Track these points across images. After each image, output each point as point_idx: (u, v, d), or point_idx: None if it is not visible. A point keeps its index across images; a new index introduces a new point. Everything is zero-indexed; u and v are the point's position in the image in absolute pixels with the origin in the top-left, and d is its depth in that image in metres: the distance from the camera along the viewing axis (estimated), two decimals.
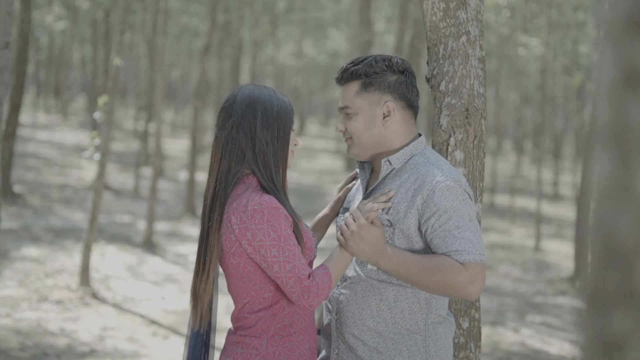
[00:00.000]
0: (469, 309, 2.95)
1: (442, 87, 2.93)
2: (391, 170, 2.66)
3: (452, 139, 2.90)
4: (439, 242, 2.49)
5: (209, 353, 2.72)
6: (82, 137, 24.01)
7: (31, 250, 9.09)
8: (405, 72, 2.66)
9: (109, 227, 11.07)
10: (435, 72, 2.96)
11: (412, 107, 2.69)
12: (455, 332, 2.94)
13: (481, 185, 2.97)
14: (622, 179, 0.72)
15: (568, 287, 9.59)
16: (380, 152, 2.68)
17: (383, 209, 2.58)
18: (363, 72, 2.62)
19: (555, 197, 20.55)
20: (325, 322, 2.82)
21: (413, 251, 2.56)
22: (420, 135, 2.74)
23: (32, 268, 8.27)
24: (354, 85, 2.64)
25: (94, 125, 14.77)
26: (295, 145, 2.67)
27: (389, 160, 2.64)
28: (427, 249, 2.57)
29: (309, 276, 2.45)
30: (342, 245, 2.53)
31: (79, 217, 11.45)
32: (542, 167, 28.36)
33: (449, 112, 2.90)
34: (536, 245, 12.06)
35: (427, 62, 3.04)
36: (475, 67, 2.93)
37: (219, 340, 3.13)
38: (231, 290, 2.59)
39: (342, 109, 2.68)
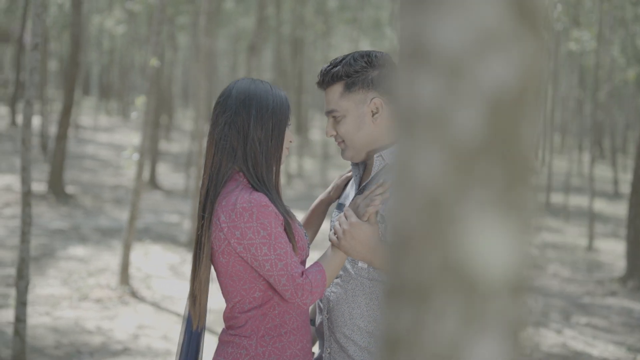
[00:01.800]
0: None
1: None
2: (384, 166, 2.60)
3: None
4: None
5: (201, 351, 2.72)
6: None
7: (77, 250, 9.24)
8: (387, 65, 2.60)
9: (156, 226, 11.20)
10: None
11: None
12: None
13: None
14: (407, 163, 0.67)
15: (618, 287, 9.34)
16: (374, 150, 2.62)
17: (380, 202, 2.52)
18: (344, 73, 2.55)
19: (615, 196, 20.07)
20: (318, 321, 2.78)
21: None
22: None
23: (76, 267, 8.40)
24: (337, 88, 2.57)
25: (154, 126, 14.94)
26: (291, 142, 2.63)
27: (381, 156, 2.58)
28: None
29: (302, 274, 2.41)
30: (335, 244, 2.48)
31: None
32: (606, 165, 27.78)
33: None
34: (589, 245, 11.79)
35: None
36: None
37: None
38: (222, 290, 2.57)
39: (328, 113, 2.62)
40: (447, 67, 0.64)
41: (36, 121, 21.99)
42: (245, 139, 2.49)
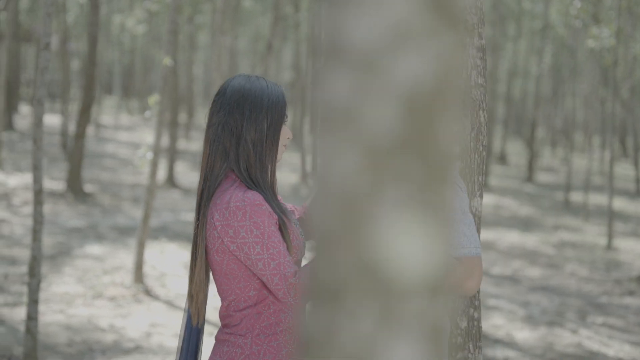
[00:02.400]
0: (467, 308, 2.85)
1: None
2: None
3: None
4: None
5: (201, 348, 2.72)
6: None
7: (94, 248, 9.30)
8: None
9: (174, 225, 11.24)
10: None
11: None
12: (452, 331, 2.84)
13: (480, 179, 2.86)
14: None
15: (637, 286, 9.24)
16: None
17: None
18: None
19: (637, 194, 19.87)
20: None
21: None
22: None
23: (92, 265, 8.45)
24: None
25: (172, 125, 14.99)
26: (288, 138, 2.62)
27: None
28: None
29: (295, 273, 2.39)
30: None
31: None
32: (629, 164, 27.49)
33: None
34: (608, 244, 11.68)
35: None
36: (473, 56, 2.82)
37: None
38: (217, 288, 2.57)
39: None
40: (361, 63, 0.63)
41: (57, 120, 22.17)
42: (237, 141, 2.48)
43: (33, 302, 5.45)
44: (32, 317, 5.43)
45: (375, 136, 0.63)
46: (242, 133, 2.48)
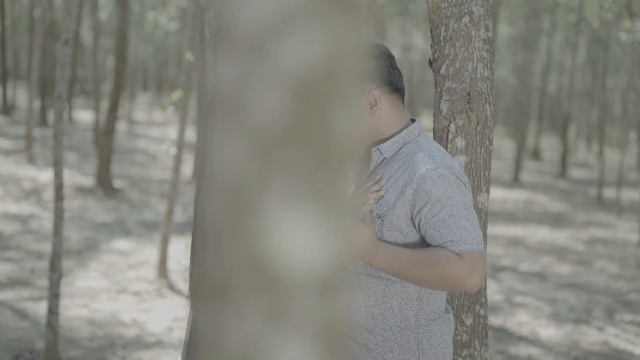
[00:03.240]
0: (472, 305, 2.80)
1: (442, 71, 2.79)
2: (382, 160, 2.55)
3: (452, 125, 2.75)
4: (433, 233, 2.37)
5: None
6: (192, 133, 24.63)
7: (120, 243, 9.36)
8: (383, 56, 2.54)
9: None
10: (436, 56, 2.82)
11: (397, 90, 2.56)
12: (457, 329, 2.79)
13: (487, 174, 2.81)
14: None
15: None
16: (374, 143, 2.57)
17: (375, 200, 2.47)
18: None
19: None
20: None
21: (406, 244, 2.44)
22: (414, 121, 2.61)
23: (117, 260, 8.51)
24: None
25: (200, 121, 15.03)
26: None
27: (379, 150, 2.53)
28: (422, 241, 2.44)
29: None
30: None
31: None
32: None
33: (450, 97, 2.76)
34: None
35: (431, 46, 2.90)
36: (479, 49, 2.77)
37: None
38: None
39: None
40: (247, 48, 0.59)
41: (90, 116, 22.37)
42: None
43: (54, 297, 5.50)
44: (53, 311, 5.48)
45: (262, 124, 0.60)
46: None
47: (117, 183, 13.60)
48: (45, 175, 13.78)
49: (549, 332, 6.95)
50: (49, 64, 23.79)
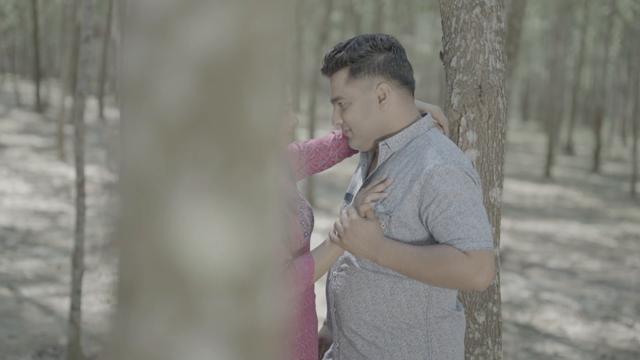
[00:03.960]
0: (485, 302, 2.74)
1: (453, 63, 2.72)
2: (391, 155, 2.50)
3: (463, 118, 2.69)
4: (440, 230, 2.32)
5: None
6: None
7: None
8: (393, 48, 2.49)
9: None
10: (447, 48, 2.75)
11: (407, 83, 2.51)
12: (469, 326, 2.73)
13: (499, 168, 2.74)
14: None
15: None
16: (383, 138, 2.53)
17: (377, 200, 2.43)
18: (348, 58, 2.45)
19: None
20: (327, 314, 2.71)
21: (414, 241, 2.39)
22: (425, 115, 2.56)
23: None
24: (342, 74, 2.47)
25: None
26: (295, 124, 2.56)
27: (387, 144, 2.47)
28: (431, 238, 2.39)
29: (286, 262, 2.36)
30: (337, 243, 2.41)
31: None
32: None
33: (460, 90, 2.70)
34: None
35: (442, 38, 2.84)
36: (491, 40, 2.70)
37: None
38: None
39: (334, 100, 2.52)
40: (152, 28, 0.55)
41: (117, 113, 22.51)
42: None
43: (76, 293, 5.51)
44: (75, 307, 5.49)
45: (169, 112, 0.55)
46: None
47: None
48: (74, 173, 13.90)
49: (576, 329, 6.84)
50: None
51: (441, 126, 2.65)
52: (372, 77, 2.45)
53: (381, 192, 2.41)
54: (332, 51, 2.51)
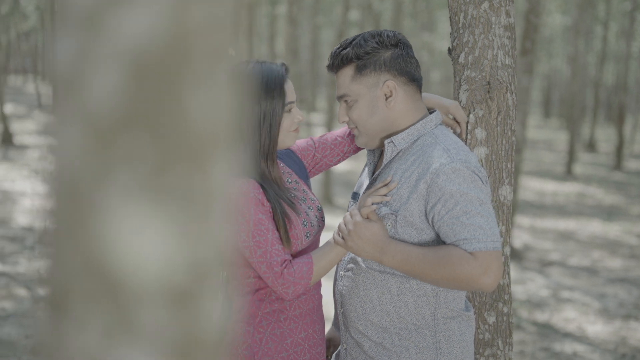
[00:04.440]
0: (495, 302, 2.69)
1: (461, 59, 2.68)
2: (397, 153, 2.45)
3: (471, 115, 2.64)
4: (446, 231, 2.28)
5: None
6: None
7: None
8: (399, 45, 2.44)
9: None
10: (455, 44, 2.71)
11: (414, 80, 2.46)
12: (479, 327, 2.69)
13: (509, 166, 2.69)
14: None
15: None
16: (389, 136, 2.49)
17: (380, 202, 2.40)
18: (354, 55, 2.40)
19: None
20: (334, 314, 2.67)
21: (421, 241, 2.35)
22: (433, 112, 2.52)
23: None
24: (348, 71, 2.43)
25: None
26: (299, 121, 2.53)
27: (392, 142, 2.43)
28: (438, 239, 2.36)
29: (283, 262, 2.35)
30: (341, 245, 2.39)
31: None
32: None
33: (469, 87, 2.65)
34: None
35: (450, 33, 2.79)
36: (500, 35, 2.66)
37: None
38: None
39: (340, 97, 2.48)
40: (82, 21, 0.52)
41: None
42: None
43: None
44: None
45: (99, 108, 0.52)
46: None
47: None
48: None
49: (596, 328, 6.75)
50: None
51: (458, 123, 2.59)
52: (378, 74, 2.41)
53: (384, 195, 2.38)
54: (338, 48, 2.47)
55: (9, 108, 24.85)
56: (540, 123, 37.64)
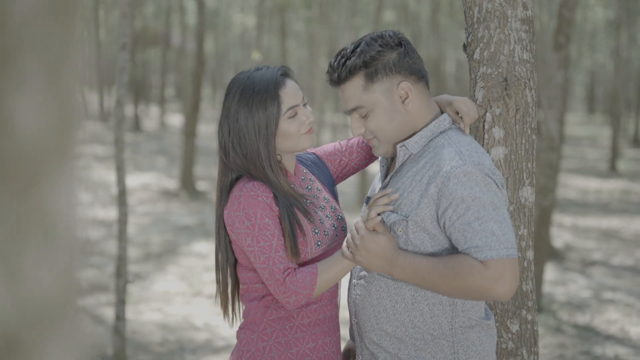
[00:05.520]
0: (518, 310, 2.56)
1: (476, 55, 2.56)
2: (409, 156, 2.36)
3: (488, 114, 2.52)
4: (458, 237, 2.18)
5: None
6: None
7: (200, 246, 9.36)
8: (402, 43, 2.34)
9: None
10: (470, 39, 2.59)
11: (422, 77, 2.37)
12: (502, 336, 2.56)
13: (530, 166, 2.56)
14: None
15: None
16: (406, 139, 2.39)
17: (383, 212, 2.31)
18: (361, 63, 2.29)
19: None
20: (350, 325, 2.58)
21: (435, 247, 2.25)
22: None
23: (195, 263, 8.50)
24: (357, 81, 2.31)
25: None
26: (311, 121, 2.46)
27: (405, 145, 2.34)
28: (453, 246, 2.25)
29: (285, 270, 2.29)
30: (350, 260, 2.31)
31: None
32: None
33: (485, 84, 2.53)
34: None
35: (465, 29, 2.67)
36: (517, 29, 2.53)
37: None
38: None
39: (352, 110, 2.35)
40: None
41: (179, 120, 22.69)
42: (223, 137, 2.45)
43: (120, 303, 5.48)
44: (120, 317, 5.46)
45: None
46: (223, 128, 2.44)
47: (201, 185, 13.68)
48: (133, 180, 14.00)
49: (639, 330, 6.54)
50: (141, 69, 24.17)
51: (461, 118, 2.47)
52: (390, 78, 2.31)
53: (386, 204, 2.30)
54: (340, 59, 2.35)
55: None
56: (583, 119, 37.05)
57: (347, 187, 13.66)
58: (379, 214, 2.29)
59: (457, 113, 2.41)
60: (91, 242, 9.36)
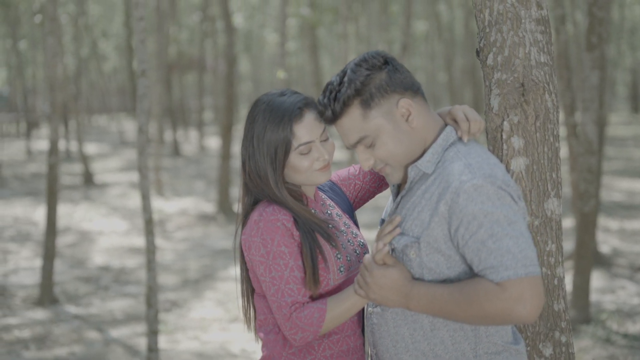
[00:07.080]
0: (551, 332, 2.38)
1: (489, 61, 2.40)
2: (421, 175, 2.21)
3: (506, 123, 2.36)
4: (472, 257, 2.04)
5: None
6: None
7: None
8: (387, 61, 2.21)
9: None
10: (482, 44, 2.42)
11: (418, 90, 2.24)
12: None
13: (554, 176, 2.38)
14: None
15: None
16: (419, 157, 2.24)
17: (391, 240, 2.18)
18: (354, 92, 2.16)
19: None
20: (369, 356, 2.43)
21: (451, 270, 2.10)
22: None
23: (232, 288, 8.38)
24: (354, 111, 2.18)
25: None
26: (325, 158, 2.35)
27: (417, 166, 2.19)
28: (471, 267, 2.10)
29: (293, 305, 2.19)
30: (364, 297, 2.19)
31: None
32: None
33: (500, 91, 2.37)
34: None
35: (477, 34, 2.51)
36: (532, 30, 2.37)
37: None
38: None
39: (356, 143, 2.21)
40: None
41: (217, 143, 22.66)
42: (244, 160, 2.40)
43: (152, 334, 5.37)
44: (152, 348, 5.35)
45: None
46: (242, 148, 2.40)
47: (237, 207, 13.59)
48: (170, 206, 13.96)
49: None
50: (179, 94, 24.23)
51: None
52: (387, 99, 2.18)
53: (391, 231, 2.18)
54: (329, 94, 2.21)
55: (92, 148, 25.36)
56: (628, 119, 36.30)
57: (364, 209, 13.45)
58: (387, 244, 2.16)
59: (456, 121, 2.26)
60: (126, 271, 9.30)
